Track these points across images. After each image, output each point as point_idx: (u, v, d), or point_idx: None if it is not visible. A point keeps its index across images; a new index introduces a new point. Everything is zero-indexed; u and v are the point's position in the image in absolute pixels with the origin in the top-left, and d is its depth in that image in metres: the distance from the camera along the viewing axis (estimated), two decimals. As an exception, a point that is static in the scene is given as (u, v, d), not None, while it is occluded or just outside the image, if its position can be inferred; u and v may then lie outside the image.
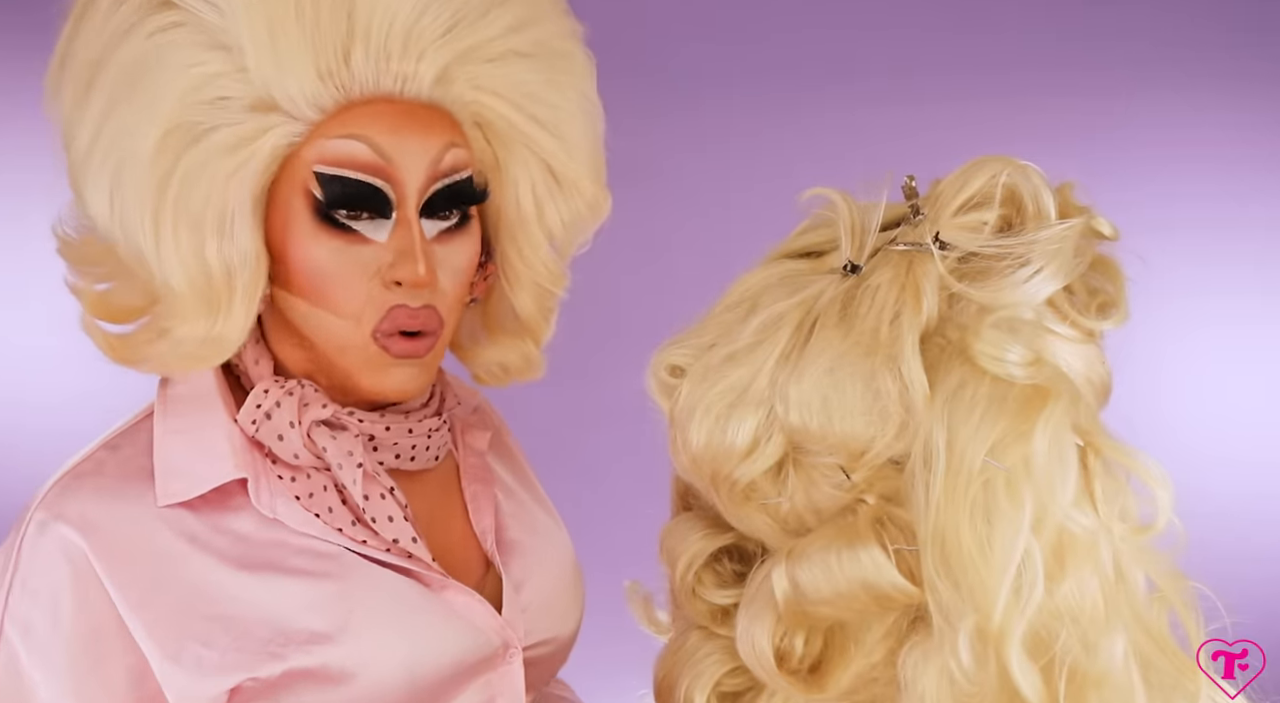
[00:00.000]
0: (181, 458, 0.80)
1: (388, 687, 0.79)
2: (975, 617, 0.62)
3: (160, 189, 0.74)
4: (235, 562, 0.78)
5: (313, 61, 0.74)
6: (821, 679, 0.70)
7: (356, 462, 0.80)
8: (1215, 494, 2.17)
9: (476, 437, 0.96)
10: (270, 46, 0.73)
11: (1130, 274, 0.72)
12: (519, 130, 0.83)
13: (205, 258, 0.75)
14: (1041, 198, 0.69)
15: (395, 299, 0.78)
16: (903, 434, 0.66)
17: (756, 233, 0.78)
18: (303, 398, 0.81)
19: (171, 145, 0.73)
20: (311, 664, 0.78)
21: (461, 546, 0.90)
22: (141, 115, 0.73)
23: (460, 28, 0.78)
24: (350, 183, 0.75)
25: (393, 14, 0.75)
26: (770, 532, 0.72)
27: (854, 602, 0.68)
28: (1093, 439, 0.67)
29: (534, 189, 0.85)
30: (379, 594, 0.81)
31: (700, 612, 0.77)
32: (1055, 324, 0.68)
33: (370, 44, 0.75)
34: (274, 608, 0.78)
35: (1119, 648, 0.64)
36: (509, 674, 0.87)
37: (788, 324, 0.69)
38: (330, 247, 0.77)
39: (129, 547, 0.77)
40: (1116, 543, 0.66)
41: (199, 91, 0.73)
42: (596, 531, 1.96)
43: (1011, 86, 2.19)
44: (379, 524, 0.82)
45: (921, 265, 0.67)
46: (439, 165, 0.78)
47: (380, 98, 0.76)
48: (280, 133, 0.75)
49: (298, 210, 0.76)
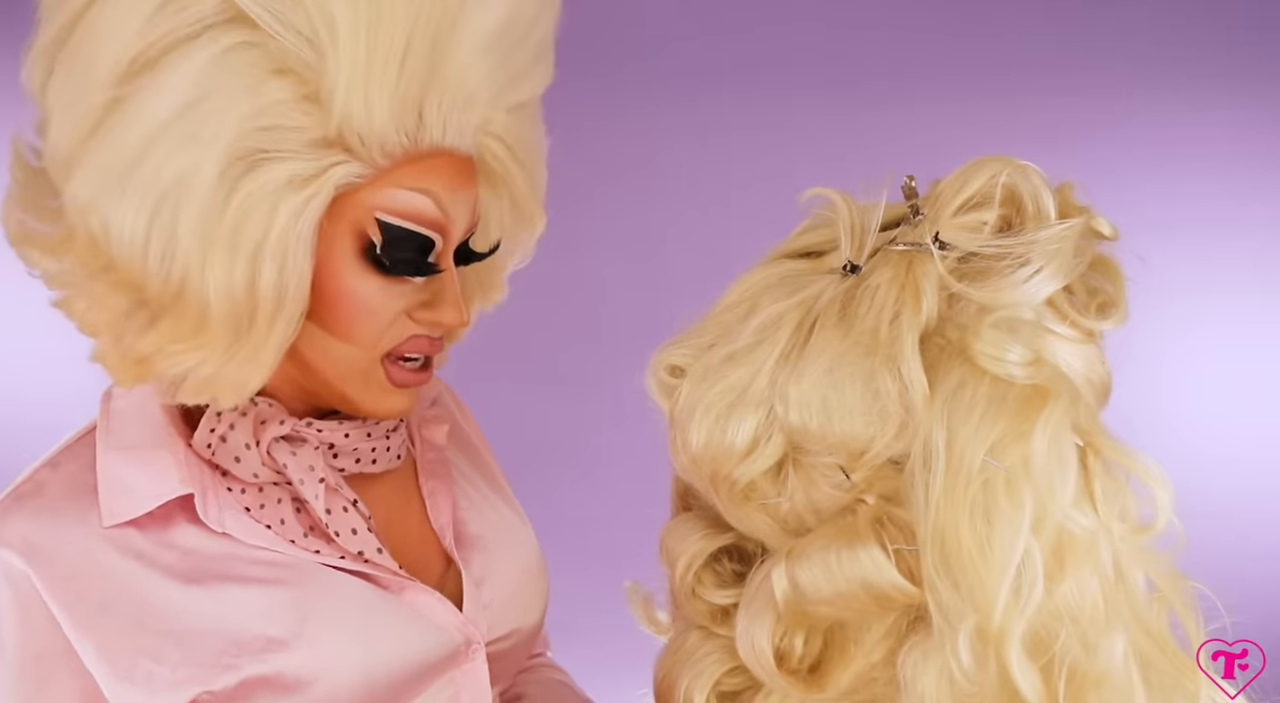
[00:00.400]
0: (125, 475, 0.79)
1: (346, 691, 0.79)
2: (975, 617, 0.62)
3: (219, 215, 0.71)
4: (183, 576, 0.78)
5: (393, 112, 0.73)
6: (821, 679, 0.70)
7: (318, 477, 0.81)
8: (1215, 494, 2.17)
9: (434, 431, 0.96)
10: (363, 90, 0.71)
11: (1130, 274, 0.72)
12: (506, 170, 0.84)
13: (257, 285, 0.73)
14: (1041, 198, 0.68)
15: (417, 330, 0.80)
16: (902, 434, 0.66)
17: (756, 233, 0.78)
18: (259, 415, 0.80)
19: (232, 173, 0.71)
20: (267, 672, 0.77)
21: (420, 543, 0.90)
22: (203, 141, 0.70)
23: (506, 91, 0.79)
24: (413, 234, 0.76)
25: (466, 76, 0.75)
26: (770, 532, 0.72)
27: (854, 602, 0.67)
28: (1092, 439, 0.67)
29: (501, 220, 0.88)
30: (335, 599, 0.81)
31: (700, 612, 0.76)
32: (1055, 324, 0.68)
33: (443, 100, 0.75)
34: (225, 619, 0.77)
35: (1119, 648, 0.64)
36: (473, 671, 0.87)
37: (787, 324, 0.68)
38: (373, 285, 0.77)
39: (73, 568, 0.76)
40: (1116, 543, 0.66)
41: (260, 117, 0.71)
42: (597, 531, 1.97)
43: (1011, 87, 2.19)
44: (343, 538, 0.82)
45: (921, 265, 0.67)
46: (473, 217, 0.80)
47: (443, 151, 0.76)
48: (341, 171, 0.73)
49: (343, 247, 0.76)
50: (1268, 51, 2.19)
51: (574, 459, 2.21)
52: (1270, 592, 2.02)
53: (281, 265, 0.73)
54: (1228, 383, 2.28)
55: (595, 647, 1.20)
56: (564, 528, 2.14)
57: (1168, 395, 2.22)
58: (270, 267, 0.72)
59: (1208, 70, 2.18)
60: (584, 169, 2.23)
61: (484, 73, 0.76)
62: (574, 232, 2.23)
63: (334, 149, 0.73)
